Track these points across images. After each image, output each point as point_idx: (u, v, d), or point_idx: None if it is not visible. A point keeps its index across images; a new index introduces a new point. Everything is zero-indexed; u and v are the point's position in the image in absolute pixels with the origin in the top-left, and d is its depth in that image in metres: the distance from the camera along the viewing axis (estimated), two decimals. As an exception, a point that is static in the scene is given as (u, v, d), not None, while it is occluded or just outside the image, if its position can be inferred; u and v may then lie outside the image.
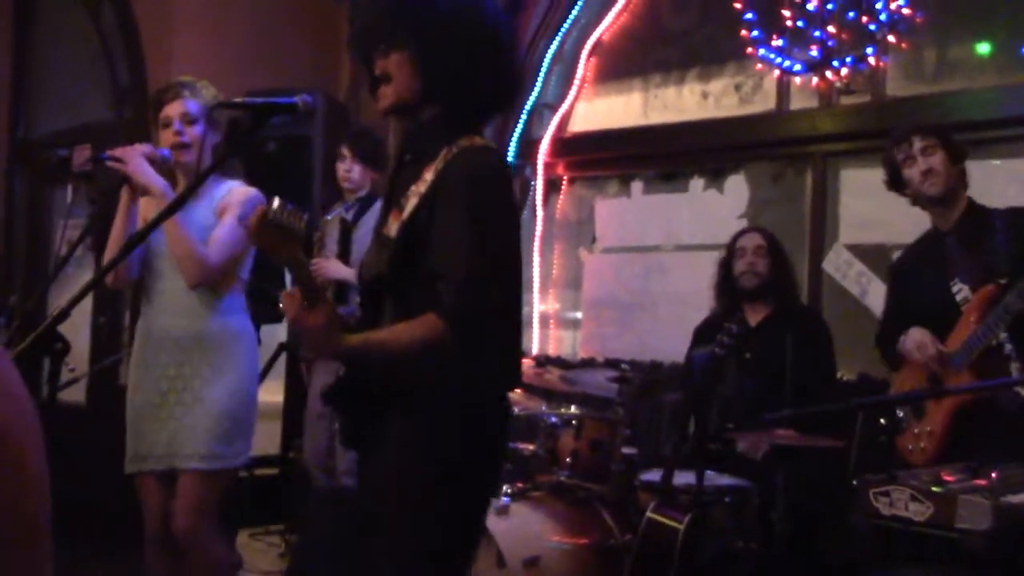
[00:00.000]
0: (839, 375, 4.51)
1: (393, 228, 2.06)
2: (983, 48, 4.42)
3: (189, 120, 3.17)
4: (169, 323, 3.17)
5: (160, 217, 2.21)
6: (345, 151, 4.47)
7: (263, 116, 2.26)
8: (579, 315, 5.81)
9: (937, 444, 2.98)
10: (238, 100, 2.53)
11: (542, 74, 5.77)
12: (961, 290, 3.04)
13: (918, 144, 3.16)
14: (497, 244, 2.06)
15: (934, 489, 2.02)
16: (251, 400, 3.23)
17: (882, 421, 2.89)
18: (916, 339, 3.10)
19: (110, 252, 3.15)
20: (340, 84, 6.24)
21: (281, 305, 1.99)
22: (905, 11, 4.33)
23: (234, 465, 3.16)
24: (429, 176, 2.07)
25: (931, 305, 3.12)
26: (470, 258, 1.99)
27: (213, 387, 3.11)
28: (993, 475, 2.17)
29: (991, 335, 2.92)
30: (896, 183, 3.27)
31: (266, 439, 5.57)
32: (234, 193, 3.24)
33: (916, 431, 3.06)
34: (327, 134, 5.13)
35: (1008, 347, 2.91)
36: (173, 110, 3.20)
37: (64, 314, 2.14)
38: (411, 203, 2.04)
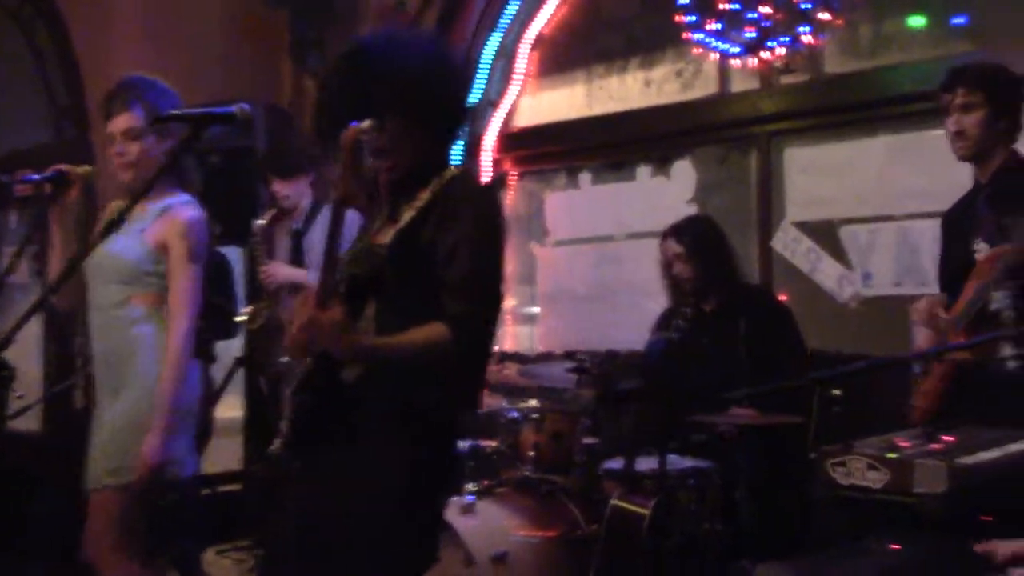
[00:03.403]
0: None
1: (388, 235, 2.17)
2: (917, 21, 4.48)
3: (132, 136, 3.00)
4: (94, 343, 3.07)
5: (98, 238, 2.16)
6: (270, 176, 4.51)
7: (201, 127, 2.23)
8: (536, 310, 5.81)
9: (930, 404, 2.96)
10: (175, 112, 2.50)
11: (485, 70, 5.76)
12: (981, 250, 2.93)
13: (960, 99, 2.95)
14: (499, 265, 2.24)
15: (890, 456, 2.03)
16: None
17: (836, 393, 2.90)
18: (919, 308, 3.09)
19: (52, 275, 3.09)
20: (283, 92, 6.19)
21: (295, 307, 2.10)
22: (838, -13, 4.38)
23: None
24: (425, 195, 2.20)
25: (957, 262, 3.04)
26: (478, 272, 2.15)
27: (118, 401, 2.98)
28: (947, 438, 2.19)
29: (981, 299, 2.86)
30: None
31: (228, 455, 5.52)
32: (171, 222, 3.04)
33: (920, 390, 3.03)
34: (271, 143, 5.08)
35: (1009, 313, 2.83)
36: (116, 125, 3.03)
37: (6, 341, 2.10)
38: (407, 216, 2.16)
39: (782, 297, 4.57)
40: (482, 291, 2.17)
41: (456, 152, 5.63)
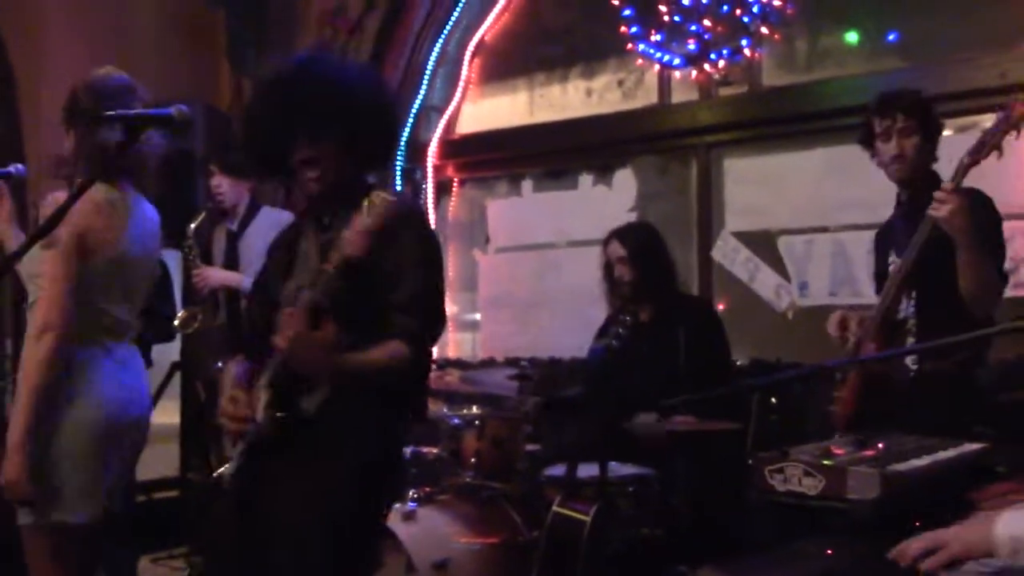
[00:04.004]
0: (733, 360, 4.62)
1: (336, 261, 2.21)
2: (851, 37, 4.59)
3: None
4: None
5: (23, 248, 2.09)
6: (213, 167, 4.47)
7: (137, 129, 2.20)
8: (477, 316, 5.82)
9: (846, 409, 3.11)
10: (110, 113, 2.44)
11: (427, 76, 5.76)
12: (894, 262, 3.11)
13: (900, 123, 3.07)
14: (442, 284, 2.41)
15: (825, 463, 2.06)
16: (58, 447, 2.60)
17: (773, 401, 2.97)
18: (831, 322, 3.22)
19: None
20: (222, 94, 6.12)
21: (282, 319, 2.10)
22: (776, 3, 4.46)
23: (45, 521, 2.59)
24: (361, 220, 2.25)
25: (880, 274, 3.21)
26: (425, 292, 2.30)
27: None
28: (880, 446, 2.24)
29: (886, 311, 3.02)
30: (866, 142, 3.21)
31: (164, 461, 5.44)
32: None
33: (836, 395, 3.18)
34: (210, 146, 5.02)
35: (912, 321, 3.02)
36: None
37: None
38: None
39: (719, 306, 4.64)
40: (431, 309, 2.32)
41: (399, 157, 5.65)
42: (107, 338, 2.72)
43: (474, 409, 4.03)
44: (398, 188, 5.58)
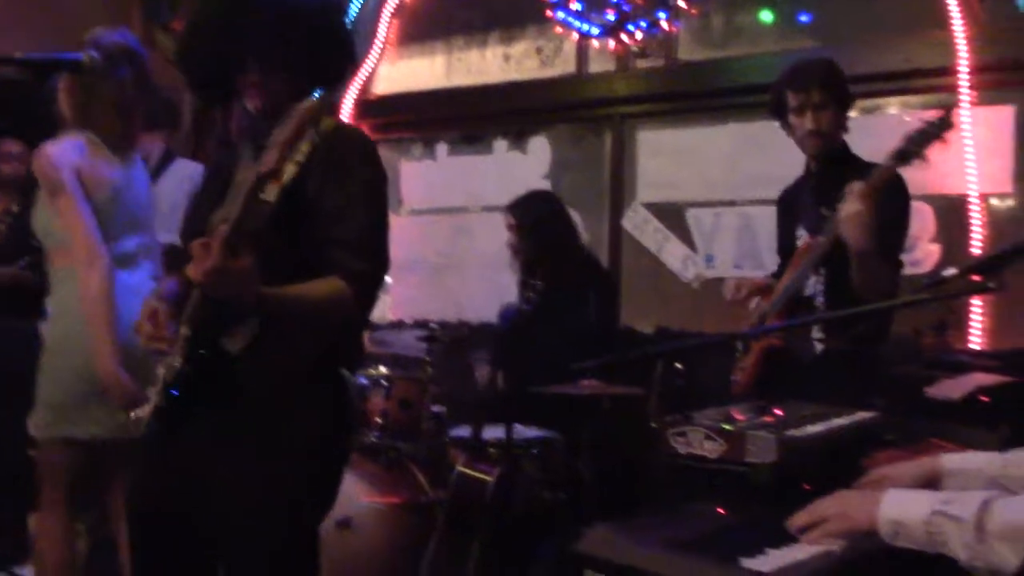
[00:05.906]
0: (637, 328, 4.71)
1: (272, 192, 1.94)
2: (765, 16, 4.67)
3: None
4: None
5: None
6: None
7: (44, 74, 2.14)
8: (388, 279, 5.79)
9: (747, 379, 3.21)
10: (17, 56, 2.36)
11: (344, 35, 5.68)
12: (801, 237, 3.13)
13: (816, 97, 3.00)
14: (387, 224, 2.17)
15: (725, 427, 2.12)
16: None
17: (677, 366, 3.01)
18: (727, 287, 3.34)
19: None
20: (130, 42, 5.94)
21: (194, 250, 1.87)
22: (694, -22, 4.51)
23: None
24: (304, 147, 1.95)
25: (784, 247, 3.25)
26: (372, 229, 2.08)
27: None
28: (778, 412, 2.32)
29: (795, 287, 3.07)
30: (777, 113, 3.16)
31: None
32: None
33: (740, 365, 3.27)
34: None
35: (820, 299, 3.06)
36: None
37: None
38: (289, 171, 1.93)
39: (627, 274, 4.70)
40: (377, 249, 2.12)
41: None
42: (118, 268, 2.84)
43: (381, 369, 4.03)
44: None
